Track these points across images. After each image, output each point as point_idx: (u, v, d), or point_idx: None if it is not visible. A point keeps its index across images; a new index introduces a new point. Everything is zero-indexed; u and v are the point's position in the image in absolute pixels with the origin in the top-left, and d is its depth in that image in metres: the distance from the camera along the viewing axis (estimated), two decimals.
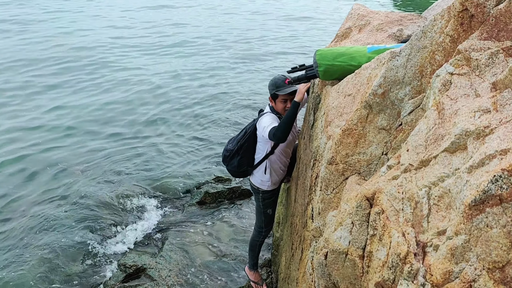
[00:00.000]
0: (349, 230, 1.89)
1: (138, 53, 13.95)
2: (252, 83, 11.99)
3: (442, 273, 1.27)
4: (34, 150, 7.94)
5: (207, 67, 13.04)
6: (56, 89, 10.71)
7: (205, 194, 6.61)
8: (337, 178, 2.42)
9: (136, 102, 10.28)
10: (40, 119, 9.12)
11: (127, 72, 12.14)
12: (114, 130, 8.88)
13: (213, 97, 10.92)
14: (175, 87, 11.35)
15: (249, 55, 14.44)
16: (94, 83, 11.27)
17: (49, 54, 13.01)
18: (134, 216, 6.16)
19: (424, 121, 1.74)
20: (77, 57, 12.97)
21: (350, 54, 2.87)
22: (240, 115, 9.98)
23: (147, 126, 9.19)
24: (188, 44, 15.14)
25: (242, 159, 4.00)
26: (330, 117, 2.65)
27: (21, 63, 12.19)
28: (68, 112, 9.52)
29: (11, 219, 6.02)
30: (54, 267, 5.13)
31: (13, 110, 9.45)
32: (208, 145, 8.53)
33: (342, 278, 1.94)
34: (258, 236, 4.47)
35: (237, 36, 16.38)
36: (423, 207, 1.50)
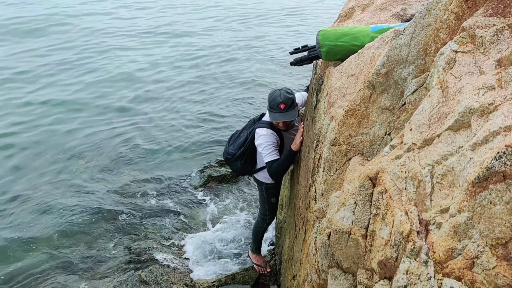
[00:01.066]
0: (352, 210, 1.90)
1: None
2: (260, 63, 11.96)
3: (445, 250, 1.27)
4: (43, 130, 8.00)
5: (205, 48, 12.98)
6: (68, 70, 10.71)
7: (208, 177, 6.65)
8: (340, 159, 2.42)
9: (140, 85, 10.29)
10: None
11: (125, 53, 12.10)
12: (115, 113, 8.89)
13: (216, 79, 10.89)
14: (176, 69, 11.32)
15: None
16: (95, 65, 11.26)
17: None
18: (138, 200, 6.20)
19: (428, 100, 1.72)
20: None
21: (353, 34, 2.83)
22: (245, 96, 9.97)
23: (150, 110, 9.19)
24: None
25: (246, 163, 4.04)
26: (333, 98, 2.63)
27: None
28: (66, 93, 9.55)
29: (15, 203, 6.08)
30: (60, 251, 5.20)
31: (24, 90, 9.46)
32: (211, 128, 8.53)
33: (345, 257, 1.95)
34: (261, 223, 4.50)
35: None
36: (426, 185, 1.49)
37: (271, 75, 11.38)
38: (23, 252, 5.17)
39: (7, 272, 4.84)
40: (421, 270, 1.34)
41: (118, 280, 4.68)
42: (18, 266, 4.95)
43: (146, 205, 6.08)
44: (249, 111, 9.27)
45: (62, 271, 4.90)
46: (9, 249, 5.21)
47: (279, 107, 3.49)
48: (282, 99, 3.49)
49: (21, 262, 5.01)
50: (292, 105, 3.53)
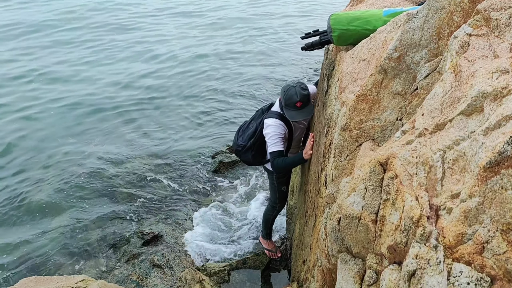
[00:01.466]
0: (362, 195, 1.89)
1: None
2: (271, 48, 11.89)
3: (455, 235, 1.27)
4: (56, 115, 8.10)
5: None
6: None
7: (219, 163, 6.68)
8: (350, 145, 2.41)
9: (156, 73, 10.31)
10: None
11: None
12: (128, 101, 8.94)
13: (226, 64, 10.86)
14: (193, 57, 11.32)
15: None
16: (114, 51, 11.32)
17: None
18: (150, 185, 6.27)
19: (441, 84, 1.70)
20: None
21: (365, 18, 2.79)
22: (255, 82, 9.94)
23: (161, 97, 9.23)
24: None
25: (256, 154, 4.01)
26: (344, 83, 2.61)
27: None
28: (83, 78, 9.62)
29: (27, 185, 6.21)
30: (75, 234, 5.30)
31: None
32: (222, 115, 8.55)
33: (355, 242, 1.95)
34: (271, 210, 4.52)
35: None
36: (437, 171, 1.48)
37: (282, 60, 11.29)
38: (36, 234, 5.29)
39: (21, 255, 4.96)
40: (430, 255, 1.34)
41: (131, 263, 4.77)
42: (32, 248, 5.07)
43: (157, 190, 6.14)
44: (260, 97, 9.25)
45: (75, 254, 5.00)
46: (22, 231, 5.33)
47: (296, 106, 3.41)
48: (298, 97, 3.37)
49: (34, 245, 5.12)
50: (308, 101, 3.46)
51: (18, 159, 6.87)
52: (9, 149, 7.10)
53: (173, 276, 4.61)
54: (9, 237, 5.24)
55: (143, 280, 4.54)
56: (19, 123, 7.95)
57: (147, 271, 4.65)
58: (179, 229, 5.36)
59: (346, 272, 1.99)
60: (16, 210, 5.70)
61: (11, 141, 7.32)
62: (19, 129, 7.72)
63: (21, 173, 6.50)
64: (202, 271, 4.57)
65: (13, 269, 4.77)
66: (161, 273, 4.65)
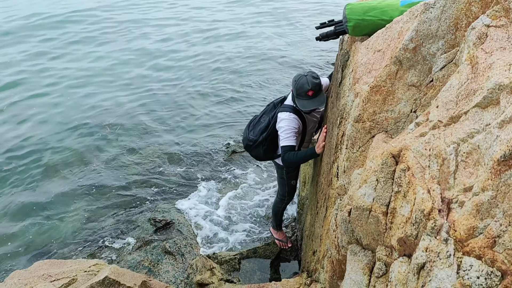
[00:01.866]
0: (374, 187, 1.88)
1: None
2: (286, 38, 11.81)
3: (466, 229, 1.25)
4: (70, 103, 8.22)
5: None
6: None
7: (232, 152, 6.70)
8: (363, 136, 2.39)
9: (167, 59, 10.37)
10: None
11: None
12: (144, 91, 9.01)
13: (240, 55, 10.83)
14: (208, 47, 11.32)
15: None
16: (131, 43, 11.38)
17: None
18: (163, 172, 6.32)
19: (457, 76, 1.67)
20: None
21: (382, 8, 2.75)
22: (269, 71, 9.91)
23: (176, 87, 9.26)
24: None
25: (268, 149, 3.94)
26: (358, 74, 2.58)
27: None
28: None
29: (40, 170, 6.32)
30: (89, 219, 5.39)
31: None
32: (236, 104, 8.55)
33: (365, 234, 1.95)
34: (280, 203, 4.51)
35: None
36: (450, 163, 1.46)
37: (296, 51, 11.22)
38: (50, 219, 5.39)
39: (36, 239, 5.06)
40: (440, 248, 1.33)
41: (143, 249, 4.84)
42: (46, 232, 5.17)
43: (170, 178, 6.20)
44: (274, 86, 9.22)
45: (89, 239, 5.09)
46: (36, 216, 5.44)
47: (307, 95, 3.34)
48: (310, 86, 3.30)
49: (48, 229, 5.22)
50: (320, 90, 3.39)
51: (34, 141, 7.01)
52: (24, 132, 7.25)
53: (184, 263, 4.66)
54: (25, 222, 5.35)
55: (154, 266, 4.61)
56: (37, 104, 8.13)
57: (159, 258, 4.71)
58: (191, 217, 5.40)
59: (355, 264, 1.99)
60: (30, 196, 5.81)
61: (28, 123, 7.48)
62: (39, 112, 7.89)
63: (35, 157, 6.62)
64: (213, 259, 4.62)
65: (28, 252, 4.88)
66: (172, 260, 4.71)
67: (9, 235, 5.14)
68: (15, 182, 6.08)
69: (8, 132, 7.32)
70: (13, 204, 5.64)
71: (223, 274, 4.36)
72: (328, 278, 2.58)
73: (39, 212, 5.52)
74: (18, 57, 10.31)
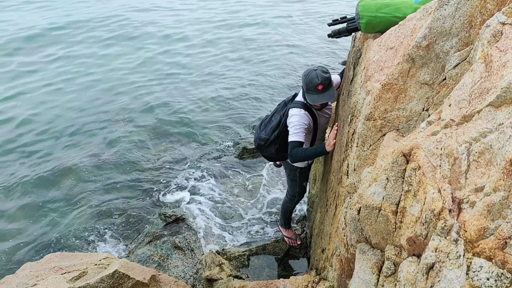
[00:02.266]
0: (384, 186, 1.87)
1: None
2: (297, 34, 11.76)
3: (477, 230, 1.24)
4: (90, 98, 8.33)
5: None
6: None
7: (243, 149, 6.70)
8: (374, 135, 2.37)
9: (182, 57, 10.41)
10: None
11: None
12: (158, 88, 9.07)
13: (250, 51, 10.82)
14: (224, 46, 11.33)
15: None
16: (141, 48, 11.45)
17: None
18: (174, 168, 6.36)
19: (470, 75, 1.64)
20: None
21: (395, 5, 2.72)
22: (280, 68, 9.90)
23: (189, 81, 9.32)
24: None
25: (280, 148, 3.87)
26: (370, 71, 2.56)
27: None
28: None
29: (53, 164, 6.40)
30: (99, 213, 5.45)
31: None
32: (247, 101, 8.55)
33: (375, 233, 1.93)
34: (290, 202, 4.51)
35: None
36: (462, 163, 1.44)
37: (307, 48, 11.17)
38: (62, 213, 5.46)
39: (47, 232, 5.13)
40: (450, 249, 1.31)
41: (153, 244, 4.87)
42: (57, 226, 5.24)
43: (180, 173, 6.23)
44: (284, 82, 9.20)
45: (100, 232, 5.14)
46: (48, 208, 5.51)
47: (317, 89, 3.31)
48: (320, 80, 3.28)
49: (59, 223, 5.29)
50: (330, 85, 3.36)
51: (47, 135, 7.10)
52: (37, 125, 7.35)
53: (194, 259, 4.69)
54: (36, 214, 5.43)
55: (164, 261, 4.64)
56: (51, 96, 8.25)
57: (169, 252, 4.74)
58: (201, 213, 5.43)
59: (364, 262, 1.98)
60: (41, 188, 5.89)
61: (41, 116, 7.59)
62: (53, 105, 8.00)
63: (48, 150, 6.71)
64: (222, 255, 4.63)
65: (39, 245, 4.96)
66: (182, 255, 4.73)
67: (21, 227, 5.23)
68: (28, 174, 6.17)
69: (23, 124, 7.44)
70: (26, 197, 5.73)
71: (232, 270, 4.37)
72: (336, 276, 2.58)
73: (50, 205, 5.60)
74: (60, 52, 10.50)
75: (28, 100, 8.25)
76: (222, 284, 4.04)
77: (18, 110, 7.86)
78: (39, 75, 9.25)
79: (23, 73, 9.33)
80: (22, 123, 7.48)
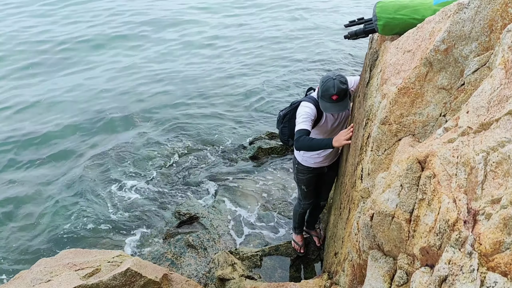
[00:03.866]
0: (398, 192, 1.83)
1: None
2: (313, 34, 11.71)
3: (492, 243, 1.20)
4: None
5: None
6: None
7: (258, 149, 6.69)
8: (389, 139, 2.33)
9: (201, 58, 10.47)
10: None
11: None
12: (175, 87, 9.13)
13: (266, 51, 10.82)
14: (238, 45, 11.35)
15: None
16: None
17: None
18: (189, 167, 6.39)
19: (489, 81, 1.60)
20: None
21: (414, 7, 2.66)
22: (297, 69, 9.86)
23: (204, 81, 9.35)
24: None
25: (284, 128, 3.86)
26: (386, 74, 2.51)
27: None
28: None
29: (69, 160, 6.51)
30: (113, 211, 5.52)
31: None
32: (263, 100, 8.54)
33: (387, 240, 1.90)
34: (298, 206, 4.45)
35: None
36: (478, 173, 1.40)
37: (323, 49, 11.08)
38: (76, 210, 5.54)
39: (62, 229, 5.22)
40: (464, 261, 1.27)
41: (166, 242, 4.91)
42: (72, 223, 5.32)
43: (196, 173, 6.25)
44: (300, 85, 9.16)
45: (113, 230, 5.21)
46: (62, 204, 5.60)
47: (331, 98, 3.27)
48: (335, 90, 3.23)
49: (74, 220, 5.37)
50: (345, 96, 3.30)
51: (64, 129, 7.24)
52: (56, 118, 7.49)
53: (207, 258, 4.70)
54: (52, 211, 5.52)
55: (177, 259, 4.67)
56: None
57: (182, 251, 4.77)
58: (214, 212, 5.44)
59: (375, 270, 1.94)
60: (57, 185, 5.99)
61: (61, 117, 7.72)
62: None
63: (63, 147, 6.83)
64: (234, 254, 4.63)
65: (54, 241, 5.04)
66: (195, 254, 4.75)
67: (37, 223, 5.32)
68: (45, 169, 6.28)
69: (42, 118, 7.59)
70: (41, 193, 5.83)
71: (244, 270, 4.37)
72: (348, 282, 2.55)
73: (65, 201, 5.69)
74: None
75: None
76: (234, 284, 4.04)
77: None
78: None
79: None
80: (41, 116, 7.64)
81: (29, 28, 12.18)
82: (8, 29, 12.10)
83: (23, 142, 6.91)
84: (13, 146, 6.82)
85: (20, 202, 5.66)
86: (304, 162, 3.95)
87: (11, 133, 7.18)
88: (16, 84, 8.87)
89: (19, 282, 2.93)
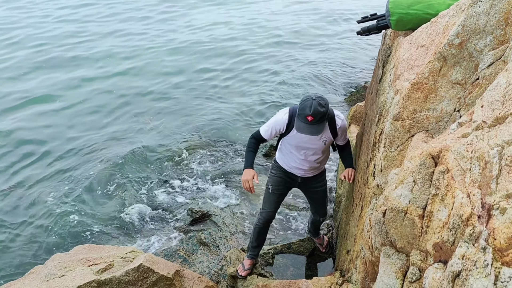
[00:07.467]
0: (410, 188, 1.81)
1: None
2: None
3: (507, 238, 1.18)
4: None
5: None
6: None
7: (270, 147, 6.69)
8: (402, 135, 2.31)
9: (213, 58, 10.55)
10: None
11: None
12: (182, 86, 9.18)
13: (276, 49, 10.81)
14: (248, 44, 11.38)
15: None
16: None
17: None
18: (201, 166, 6.41)
19: (504, 75, 1.57)
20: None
21: (427, 1, 2.63)
22: (310, 68, 9.85)
23: (214, 79, 9.39)
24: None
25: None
26: (399, 70, 2.49)
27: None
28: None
29: (78, 156, 6.60)
30: (126, 208, 5.56)
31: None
32: (271, 100, 8.56)
33: (400, 236, 1.88)
34: (257, 218, 4.00)
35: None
36: (493, 167, 1.37)
37: (336, 45, 11.03)
38: (89, 206, 5.60)
39: (76, 226, 5.27)
40: (478, 257, 1.26)
41: (178, 239, 4.94)
42: (86, 219, 5.37)
43: (208, 171, 6.28)
44: (314, 83, 9.13)
45: (126, 226, 5.25)
46: (76, 201, 5.66)
47: (306, 118, 3.05)
48: (311, 111, 3.01)
49: (88, 216, 5.43)
50: (321, 120, 3.07)
51: (75, 130, 7.33)
52: (66, 125, 7.59)
53: (219, 255, 4.71)
54: (65, 206, 5.59)
55: (189, 256, 4.69)
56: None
57: (194, 248, 4.79)
58: (227, 210, 5.45)
59: (388, 267, 1.93)
60: (70, 183, 6.05)
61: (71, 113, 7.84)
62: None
63: (76, 144, 6.92)
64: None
65: (68, 237, 5.10)
66: (207, 251, 4.77)
67: (52, 219, 5.39)
68: (57, 166, 6.37)
69: (56, 115, 7.72)
70: (54, 189, 5.90)
71: (256, 268, 4.37)
72: (360, 279, 2.53)
73: (79, 198, 5.75)
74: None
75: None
76: (246, 281, 4.04)
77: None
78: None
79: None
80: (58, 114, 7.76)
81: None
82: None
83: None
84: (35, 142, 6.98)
85: (35, 198, 5.74)
86: (279, 160, 3.79)
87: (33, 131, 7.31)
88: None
89: (34, 276, 2.97)
